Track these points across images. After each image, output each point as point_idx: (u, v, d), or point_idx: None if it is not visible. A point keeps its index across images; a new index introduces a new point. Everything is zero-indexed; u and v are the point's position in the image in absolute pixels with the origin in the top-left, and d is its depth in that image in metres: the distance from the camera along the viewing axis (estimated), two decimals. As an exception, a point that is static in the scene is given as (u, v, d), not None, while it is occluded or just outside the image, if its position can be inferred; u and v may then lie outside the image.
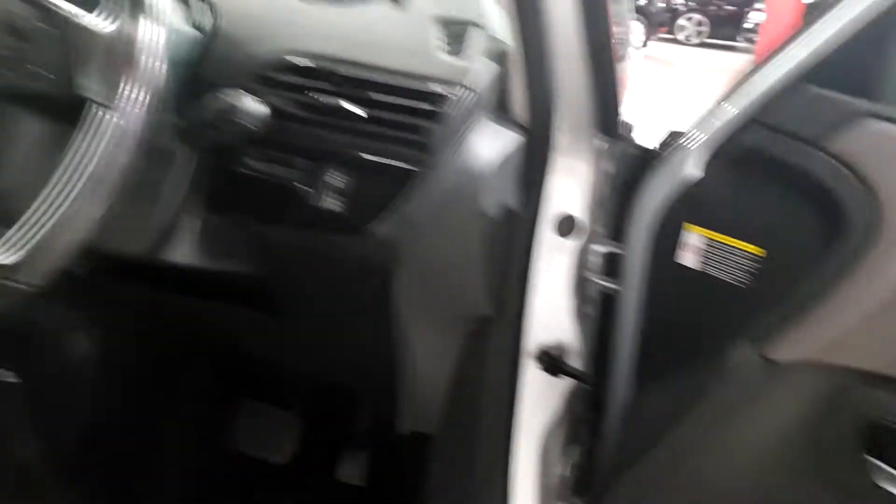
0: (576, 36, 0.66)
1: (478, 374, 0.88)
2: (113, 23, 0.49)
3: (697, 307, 0.73)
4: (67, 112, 0.50)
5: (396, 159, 0.63)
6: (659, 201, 0.75)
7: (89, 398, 1.24)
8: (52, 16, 0.49)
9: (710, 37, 10.41)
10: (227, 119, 0.55)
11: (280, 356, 1.03)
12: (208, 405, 1.20)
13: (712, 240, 0.71)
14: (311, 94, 0.64)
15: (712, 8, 10.51)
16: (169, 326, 1.07)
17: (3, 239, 0.47)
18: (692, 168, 0.72)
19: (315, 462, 1.23)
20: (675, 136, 0.79)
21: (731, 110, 0.69)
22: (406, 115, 0.63)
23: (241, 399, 1.23)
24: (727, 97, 0.71)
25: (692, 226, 0.72)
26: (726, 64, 9.01)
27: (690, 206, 0.72)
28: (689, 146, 0.73)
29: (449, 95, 0.63)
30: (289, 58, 0.66)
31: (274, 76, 0.66)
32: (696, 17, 10.53)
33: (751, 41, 9.36)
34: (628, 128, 0.82)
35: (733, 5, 10.36)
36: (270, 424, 1.22)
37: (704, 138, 0.71)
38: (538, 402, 0.88)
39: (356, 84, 0.64)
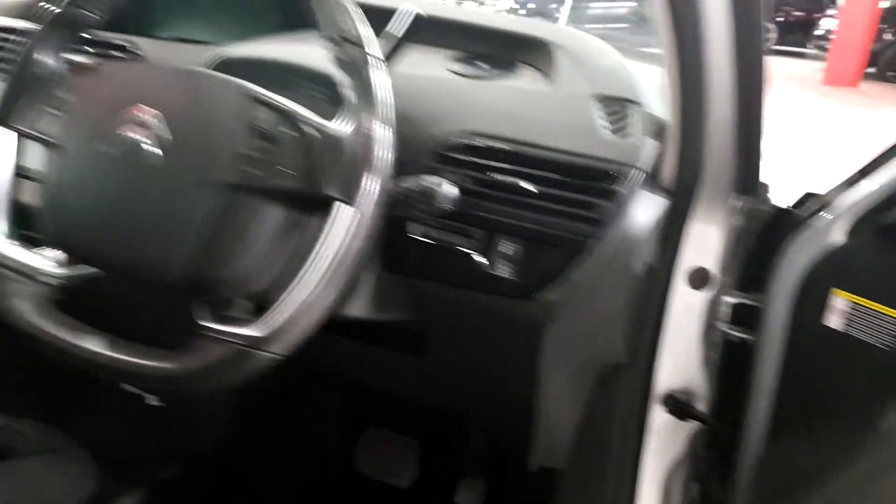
0: (731, 106, 0.70)
1: (607, 415, 0.94)
2: (349, 126, 0.56)
3: (841, 367, 0.76)
4: (305, 202, 0.58)
5: (567, 232, 0.69)
6: (803, 264, 0.79)
7: (225, 417, 1.35)
8: (296, 122, 0.57)
9: (777, 43, 10.18)
10: (427, 201, 0.62)
11: (413, 391, 1.11)
12: (335, 429, 1.29)
13: (858, 304, 0.74)
14: (487, 172, 0.71)
15: (780, 14, 10.27)
16: (306, 357, 1.16)
17: (263, 319, 0.55)
18: (837, 234, 0.76)
19: (435, 487, 1.31)
20: (811, 198, 0.83)
21: (879, 178, 0.72)
22: (577, 192, 0.69)
23: (366, 425, 1.31)
24: (873, 164, 0.74)
25: (839, 290, 0.76)
26: (795, 71, 8.78)
27: (836, 270, 0.76)
28: (832, 213, 0.76)
29: (618, 174, 0.69)
30: (463, 140, 0.72)
31: (450, 155, 0.73)
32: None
33: (822, 48, 9.10)
34: (765, 187, 0.86)
35: (802, 11, 10.11)
36: (394, 450, 1.30)
37: (849, 206, 0.74)
38: (663, 442, 0.93)
39: (530, 163, 0.71)
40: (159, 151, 0.59)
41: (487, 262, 0.72)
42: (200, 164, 0.58)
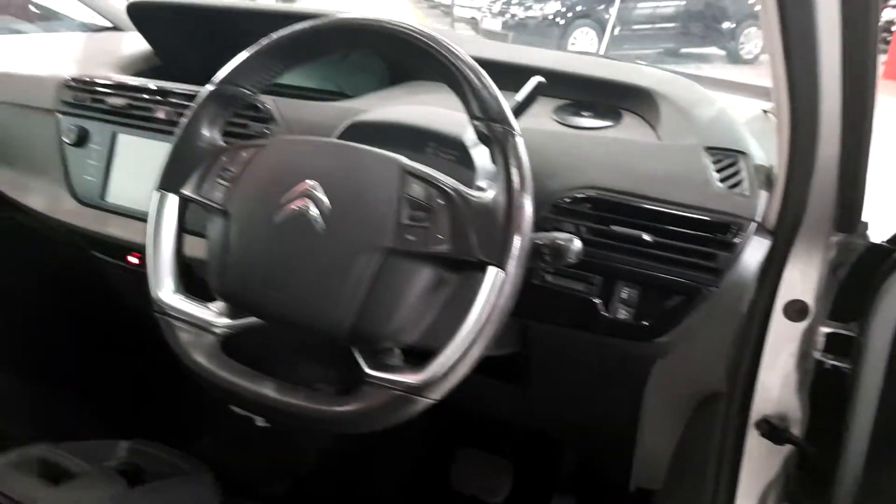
0: (838, 146, 0.72)
1: (705, 439, 0.98)
2: (495, 195, 0.63)
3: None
4: (454, 262, 0.65)
5: (685, 279, 0.75)
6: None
7: (325, 436, 1.43)
8: (448, 194, 0.63)
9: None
10: (558, 256, 0.68)
11: (510, 415, 1.17)
12: (431, 448, 1.37)
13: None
14: (607, 224, 0.77)
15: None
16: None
17: (424, 368, 0.61)
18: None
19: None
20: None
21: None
22: (696, 243, 0.74)
23: (461, 444, 1.38)
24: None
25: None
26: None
27: None
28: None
29: (734, 227, 0.74)
30: (582, 193, 0.78)
31: (570, 207, 0.79)
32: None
33: (884, 41, 8.82)
34: (864, 225, 0.89)
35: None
36: (488, 469, 1.37)
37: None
38: (758, 464, 0.97)
39: (648, 216, 0.76)
40: (321, 219, 0.66)
41: (606, 307, 0.78)
42: (360, 230, 0.65)
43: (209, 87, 0.78)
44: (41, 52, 1.46)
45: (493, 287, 0.60)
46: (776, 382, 0.93)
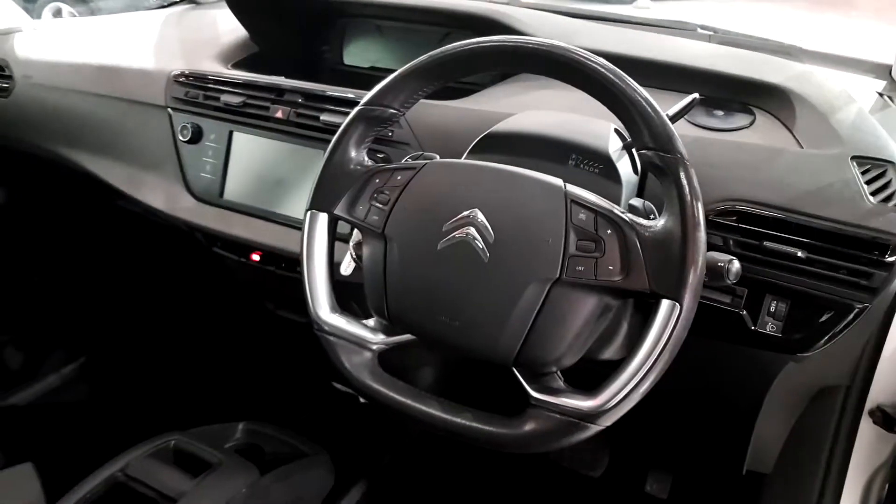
0: None
1: (819, 427, 1.01)
2: (667, 225, 0.63)
3: None
4: (624, 292, 0.66)
5: (837, 296, 0.75)
6: None
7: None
8: (616, 223, 0.64)
9: None
10: (718, 277, 0.68)
11: None
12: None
13: None
14: (754, 238, 0.77)
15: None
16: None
17: (596, 396, 0.63)
18: None
19: (625, 477, 1.42)
20: None
21: None
22: (849, 261, 0.74)
23: None
24: None
25: None
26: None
27: None
28: None
29: (890, 245, 0.73)
30: (728, 206, 0.78)
31: (716, 220, 0.79)
32: None
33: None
34: None
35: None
36: (588, 443, 1.41)
37: None
38: (869, 450, 0.99)
39: (798, 231, 0.76)
40: (486, 248, 0.67)
41: (753, 320, 0.79)
42: (527, 261, 0.66)
43: (355, 109, 0.79)
44: (135, 37, 1.48)
45: (669, 320, 0.61)
46: (893, 374, 0.94)
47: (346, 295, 0.83)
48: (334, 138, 0.79)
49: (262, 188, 1.12)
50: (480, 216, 0.68)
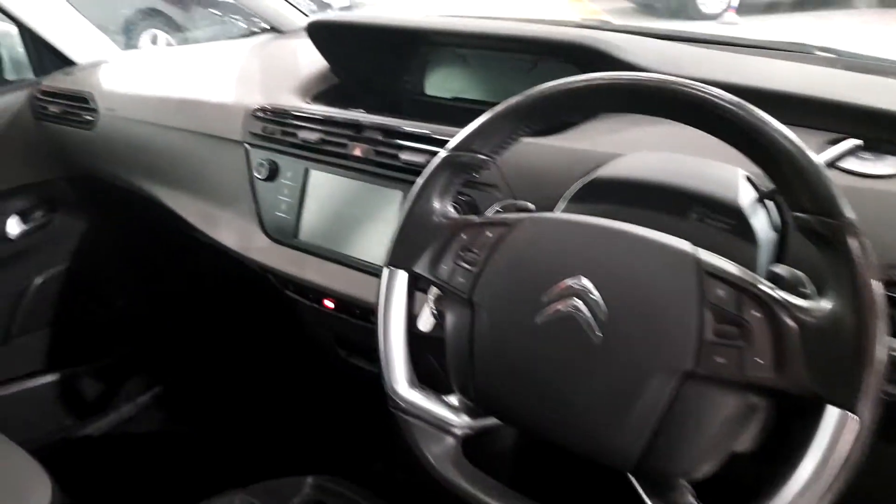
0: None
1: None
2: (832, 309, 0.50)
3: None
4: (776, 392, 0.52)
5: None
6: None
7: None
8: (766, 304, 0.51)
9: None
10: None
11: None
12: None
13: None
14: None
15: None
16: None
17: None
18: None
19: None
20: None
21: None
22: None
23: None
24: None
25: None
26: None
27: None
28: None
29: None
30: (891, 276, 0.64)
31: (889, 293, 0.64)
32: None
33: None
34: None
35: None
36: None
37: None
38: None
39: None
40: (597, 327, 0.56)
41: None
42: (650, 346, 0.54)
43: (441, 154, 0.69)
44: (216, 69, 1.45)
45: (840, 434, 0.48)
46: None
47: (424, 345, 0.73)
48: (416, 187, 0.70)
49: (337, 230, 1.04)
50: (589, 286, 0.57)
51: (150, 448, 1.73)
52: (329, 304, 1.06)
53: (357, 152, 1.01)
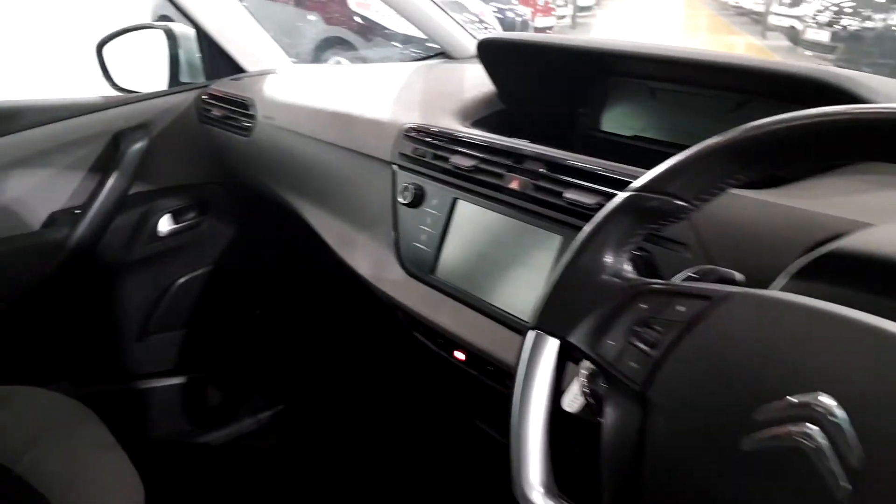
0: None
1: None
2: None
3: None
4: None
5: None
6: None
7: None
8: None
9: None
10: None
11: None
12: None
13: None
14: None
15: None
16: None
17: None
18: None
19: None
20: None
21: None
22: None
23: None
24: None
25: None
26: None
27: None
28: None
29: None
30: None
31: None
32: None
33: None
34: None
35: None
36: None
37: None
38: None
39: None
40: (841, 474, 0.37)
41: None
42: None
43: (624, 195, 0.53)
44: (378, 87, 1.38)
45: None
46: None
47: (567, 423, 0.57)
48: (584, 233, 0.54)
49: (480, 271, 0.90)
50: (832, 407, 0.38)
51: (265, 466, 1.67)
52: (460, 355, 0.92)
53: (514, 185, 0.87)
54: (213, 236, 1.63)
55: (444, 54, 1.61)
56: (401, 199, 1.01)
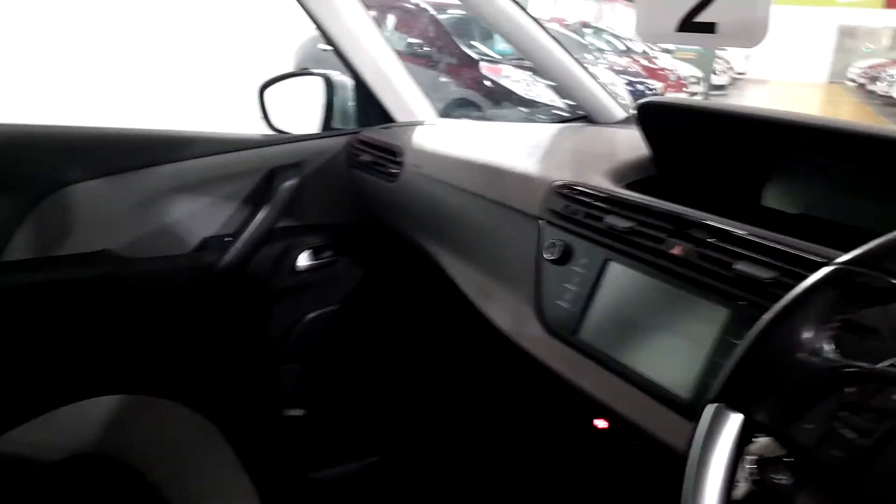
0: None
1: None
2: None
3: None
4: None
5: None
6: None
7: None
8: None
9: None
10: None
11: None
12: None
13: None
14: None
15: None
16: None
17: None
18: None
19: None
20: None
21: None
22: None
23: None
24: None
25: None
26: None
27: None
28: None
29: None
30: None
31: None
32: None
33: None
34: None
35: None
36: None
37: None
38: None
39: None
40: None
41: None
42: None
43: (829, 268, 0.49)
44: (524, 144, 1.39)
45: None
46: None
47: None
48: (780, 305, 0.51)
49: (629, 337, 0.86)
50: None
51: None
52: (601, 423, 0.88)
53: (675, 251, 0.83)
54: (346, 276, 1.67)
55: (586, 118, 1.61)
56: (546, 256, 0.99)
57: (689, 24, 0.95)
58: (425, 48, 7.27)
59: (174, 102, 7.38)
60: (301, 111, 1.86)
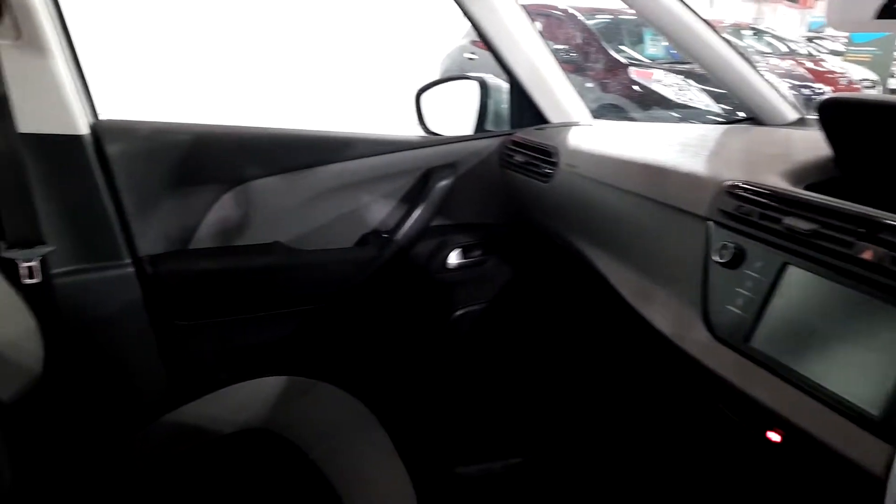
0: None
1: None
2: None
3: None
4: None
5: None
6: None
7: None
8: None
9: None
10: None
11: None
12: None
13: None
14: None
15: None
16: None
17: None
18: None
19: None
20: None
21: None
22: None
23: None
24: None
25: None
26: None
27: None
28: None
29: None
30: None
31: None
32: None
33: None
34: None
35: None
36: None
37: None
38: None
39: None
40: None
41: None
42: None
43: None
44: (687, 144, 1.34)
45: None
46: None
47: None
48: None
49: (810, 346, 0.80)
50: None
51: None
52: (774, 436, 0.82)
53: (867, 256, 0.76)
54: (494, 275, 1.69)
55: (753, 120, 1.53)
56: (716, 258, 0.95)
57: (890, 10, 0.87)
58: (571, 54, 7.19)
59: (333, 108, 7.85)
60: (452, 116, 1.91)
